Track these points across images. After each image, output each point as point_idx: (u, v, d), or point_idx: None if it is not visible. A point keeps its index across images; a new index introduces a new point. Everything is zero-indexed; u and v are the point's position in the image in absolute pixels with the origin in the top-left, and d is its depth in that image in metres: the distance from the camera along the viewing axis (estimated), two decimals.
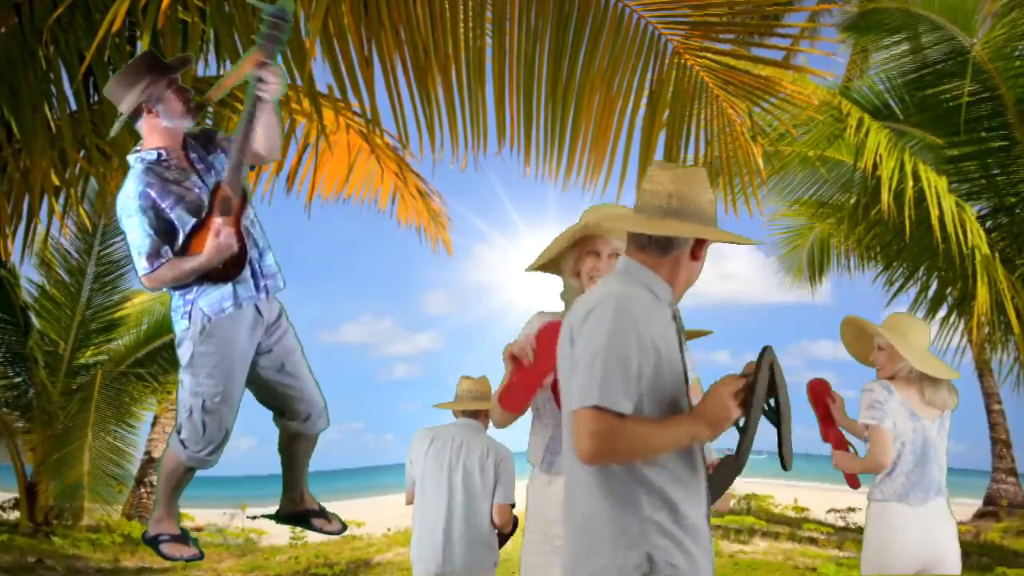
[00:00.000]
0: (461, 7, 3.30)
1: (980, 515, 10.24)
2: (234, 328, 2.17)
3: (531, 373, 1.86)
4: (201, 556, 2.41)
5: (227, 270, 2.14)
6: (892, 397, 2.74)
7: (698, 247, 1.63)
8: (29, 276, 7.80)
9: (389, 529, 8.65)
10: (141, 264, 2.14)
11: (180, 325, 2.20)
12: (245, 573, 6.50)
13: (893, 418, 2.73)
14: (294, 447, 2.42)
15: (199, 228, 2.13)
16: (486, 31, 3.39)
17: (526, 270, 2.15)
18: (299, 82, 3.14)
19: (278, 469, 2.48)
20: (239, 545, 7.82)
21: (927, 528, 2.71)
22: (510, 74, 3.42)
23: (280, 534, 8.23)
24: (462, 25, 3.30)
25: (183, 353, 2.20)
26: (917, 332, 2.84)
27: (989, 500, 10.37)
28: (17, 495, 7.73)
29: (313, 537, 7.90)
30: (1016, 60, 6.12)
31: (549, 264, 2.15)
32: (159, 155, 2.19)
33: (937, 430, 2.80)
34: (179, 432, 2.26)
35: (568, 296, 2.13)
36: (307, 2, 3.05)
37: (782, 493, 9.86)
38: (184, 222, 2.14)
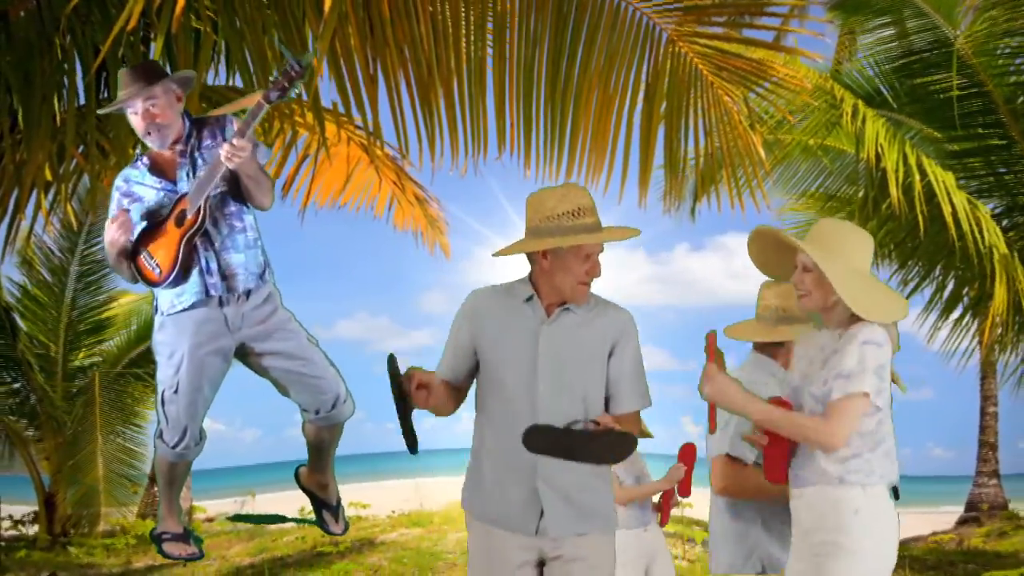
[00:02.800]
0: (463, 21, 3.35)
1: (962, 521, 9.93)
2: (184, 324, 2.23)
3: None
4: (200, 555, 2.48)
5: (151, 282, 2.22)
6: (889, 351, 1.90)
7: (540, 255, 1.96)
8: (8, 276, 7.71)
9: (393, 511, 8.78)
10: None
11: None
12: (253, 556, 6.62)
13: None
14: (311, 436, 2.44)
15: (154, 228, 2.22)
16: (487, 42, 3.44)
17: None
18: (304, 96, 3.22)
19: (284, 457, 2.60)
20: (248, 530, 7.95)
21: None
22: (510, 80, 3.46)
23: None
24: (464, 39, 3.35)
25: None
26: (856, 247, 1.96)
27: (971, 505, 10.11)
28: (36, 508, 7.71)
29: None
30: (999, 58, 6.09)
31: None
32: (138, 162, 2.30)
33: None
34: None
35: None
36: (315, 23, 3.10)
37: None
38: (137, 224, 2.24)
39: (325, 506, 2.58)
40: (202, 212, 2.18)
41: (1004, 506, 10.05)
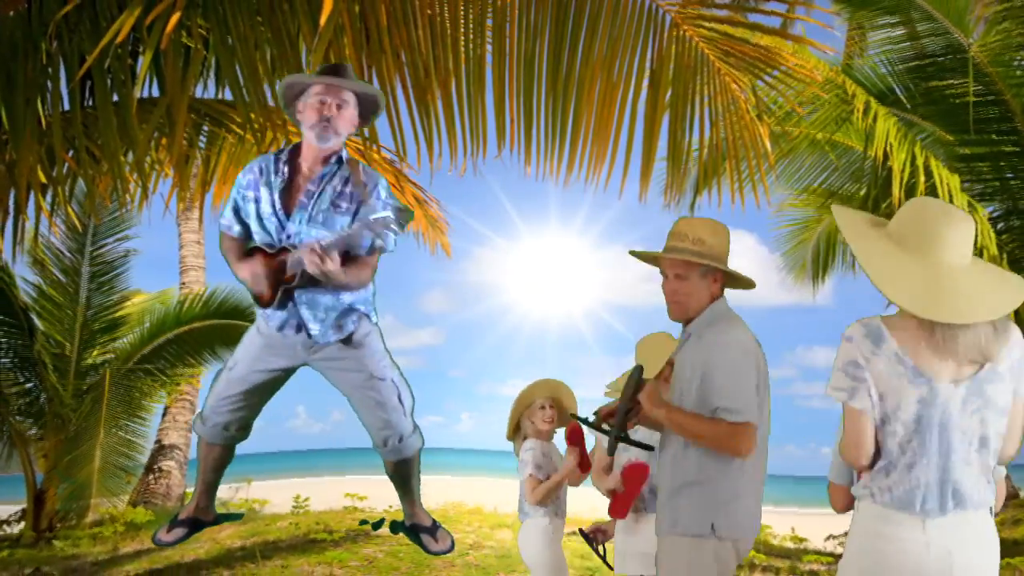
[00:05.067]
0: (462, 21, 3.31)
1: None
2: (259, 328, 2.37)
3: None
4: (183, 538, 2.60)
5: (256, 301, 2.33)
6: (881, 348, 1.70)
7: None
8: (23, 276, 7.69)
9: (390, 506, 8.76)
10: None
11: None
12: (244, 539, 6.58)
13: (877, 385, 1.70)
14: (389, 470, 2.54)
15: (262, 252, 2.27)
16: (486, 39, 3.39)
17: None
18: None
19: (283, 447, 2.67)
20: (241, 515, 7.97)
21: (944, 549, 1.67)
22: (510, 75, 3.41)
23: (283, 504, 8.33)
24: (463, 38, 3.31)
25: None
26: (936, 220, 1.71)
27: None
28: (24, 506, 7.67)
29: (315, 506, 7.99)
30: (1016, 70, 6.06)
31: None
32: (278, 154, 2.32)
33: (964, 398, 1.68)
34: None
35: None
36: (310, 38, 3.07)
37: (778, 521, 9.82)
38: (248, 216, 2.29)
39: (421, 530, 2.68)
40: (298, 277, 2.24)
41: (1015, 495, 10.13)
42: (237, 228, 2.31)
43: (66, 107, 3.29)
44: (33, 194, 3.42)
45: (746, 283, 2.30)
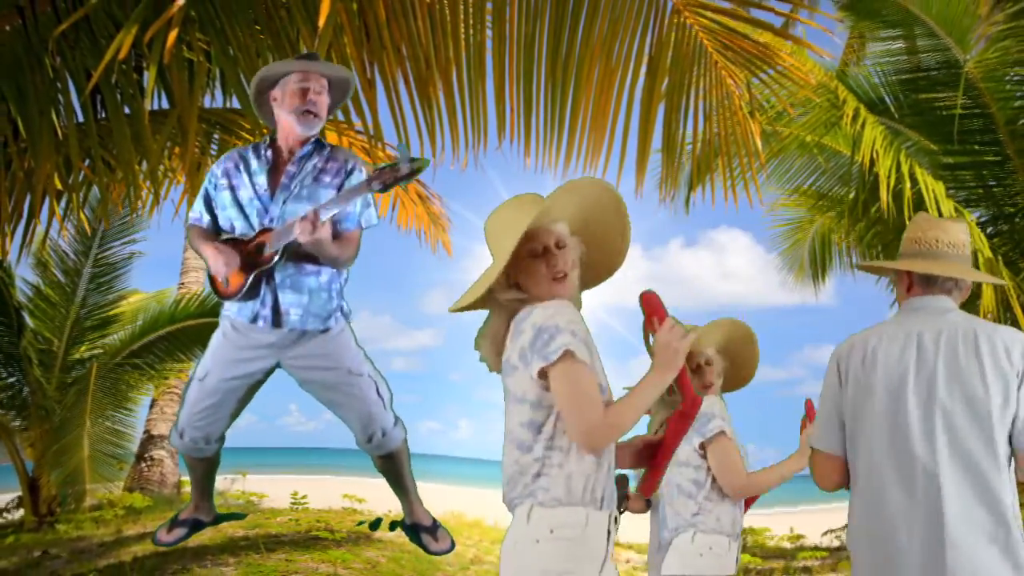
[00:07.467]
0: (461, 7, 3.29)
1: None
2: (227, 332, 2.31)
3: None
4: (184, 538, 2.61)
5: (217, 292, 2.30)
6: None
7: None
8: (23, 276, 7.71)
9: (390, 510, 8.78)
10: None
11: None
12: (247, 529, 6.61)
13: None
14: (378, 467, 2.50)
15: (235, 241, 2.24)
16: (486, 24, 3.38)
17: None
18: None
19: (276, 442, 2.68)
20: (240, 507, 7.97)
21: None
22: (510, 60, 3.39)
23: (279, 499, 8.36)
24: (462, 25, 3.30)
25: None
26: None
27: None
28: (19, 494, 7.69)
29: (314, 503, 8.02)
30: (1007, 84, 6.21)
31: None
32: (257, 145, 2.30)
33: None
34: None
35: None
36: (310, 41, 3.08)
37: (778, 522, 9.73)
38: (223, 207, 2.26)
39: (421, 529, 2.63)
40: (277, 256, 2.18)
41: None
42: (207, 219, 2.30)
43: (79, 119, 3.30)
44: (48, 199, 3.44)
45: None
